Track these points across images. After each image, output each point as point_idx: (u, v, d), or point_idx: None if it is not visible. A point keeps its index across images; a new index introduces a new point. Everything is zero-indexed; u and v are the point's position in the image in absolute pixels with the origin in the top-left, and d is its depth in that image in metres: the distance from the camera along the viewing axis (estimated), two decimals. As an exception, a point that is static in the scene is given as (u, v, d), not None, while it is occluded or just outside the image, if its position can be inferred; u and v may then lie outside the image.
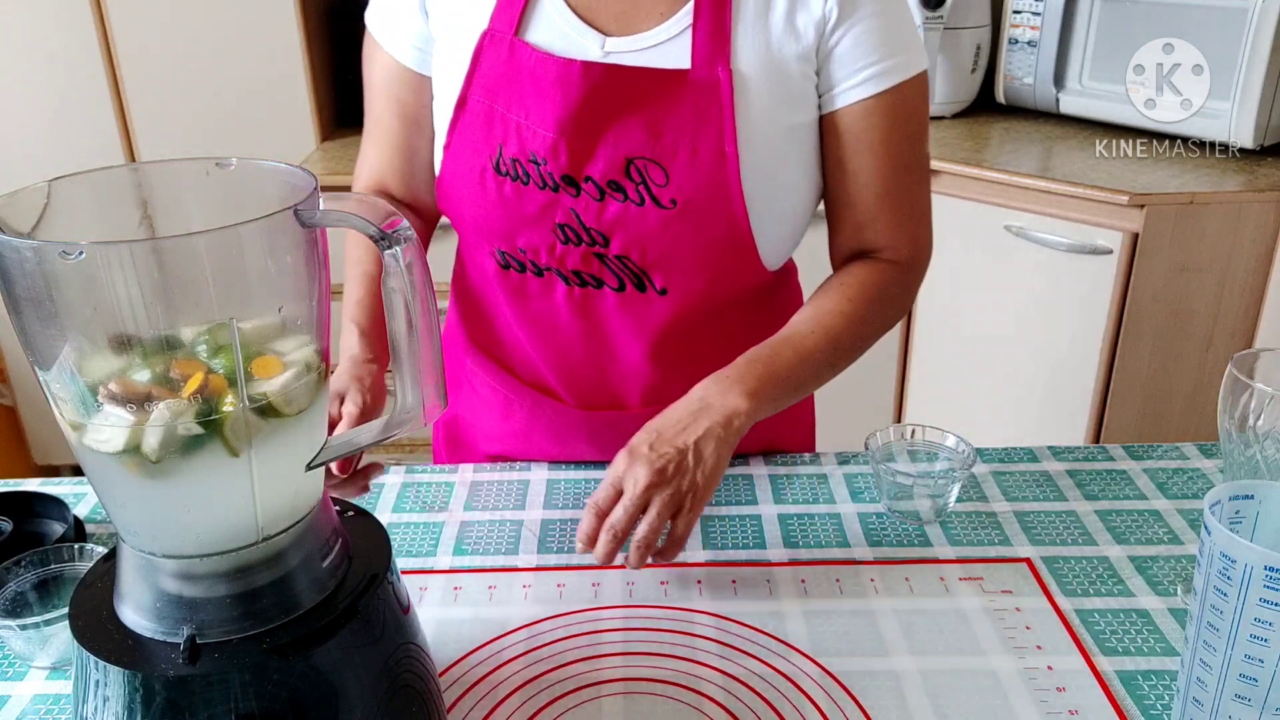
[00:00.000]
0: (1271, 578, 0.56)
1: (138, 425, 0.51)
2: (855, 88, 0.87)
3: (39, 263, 0.49)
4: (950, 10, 2.03)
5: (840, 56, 0.86)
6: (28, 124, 2.20)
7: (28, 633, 0.72)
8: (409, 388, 0.61)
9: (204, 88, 2.17)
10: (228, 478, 0.54)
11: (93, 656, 0.54)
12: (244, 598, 0.56)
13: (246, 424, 0.53)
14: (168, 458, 0.52)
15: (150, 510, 0.55)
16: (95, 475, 0.55)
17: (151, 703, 0.54)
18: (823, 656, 0.74)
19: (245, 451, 0.53)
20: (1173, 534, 0.86)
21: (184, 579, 0.56)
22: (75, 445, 0.54)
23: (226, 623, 0.56)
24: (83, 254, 0.47)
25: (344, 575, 0.60)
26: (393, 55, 0.94)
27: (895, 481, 0.87)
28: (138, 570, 0.56)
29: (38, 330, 0.51)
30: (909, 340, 2.07)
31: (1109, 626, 0.76)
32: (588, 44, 0.86)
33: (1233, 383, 0.70)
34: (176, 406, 0.51)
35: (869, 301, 0.91)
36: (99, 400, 0.51)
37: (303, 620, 0.57)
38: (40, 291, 0.50)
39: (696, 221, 0.86)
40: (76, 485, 0.96)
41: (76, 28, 2.12)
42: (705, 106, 0.84)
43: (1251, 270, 1.73)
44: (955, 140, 2.01)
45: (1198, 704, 0.62)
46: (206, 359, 0.53)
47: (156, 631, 0.56)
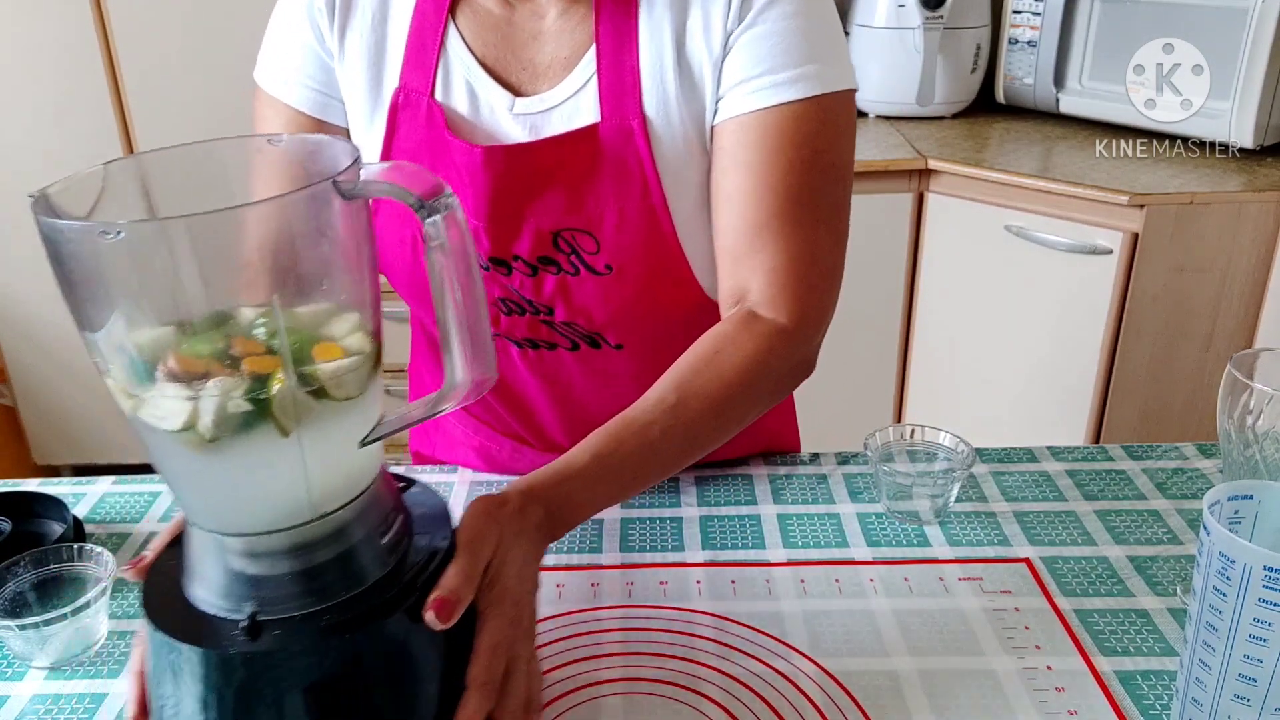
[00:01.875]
0: (1271, 578, 0.56)
1: (193, 402, 0.51)
2: (739, 99, 0.77)
3: (85, 244, 0.49)
4: (950, 10, 2.03)
5: (731, 62, 0.77)
6: (28, 123, 2.20)
7: (27, 633, 0.72)
8: (456, 361, 0.60)
9: (204, 86, 2.18)
10: (278, 456, 0.54)
11: (161, 633, 0.55)
12: (305, 574, 0.56)
13: (295, 404, 0.53)
14: (222, 436, 0.52)
15: (206, 487, 0.56)
16: (154, 452, 0.56)
17: (218, 679, 0.54)
18: (822, 656, 0.74)
19: (295, 431, 0.53)
20: (1172, 534, 0.86)
21: (245, 556, 0.56)
22: (134, 423, 0.54)
23: (288, 599, 0.56)
24: (121, 234, 0.48)
25: (405, 550, 0.61)
26: (296, 107, 0.86)
27: (895, 481, 0.87)
28: (202, 548, 0.57)
29: (92, 311, 0.52)
30: (909, 340, 2.07)
31: (1108, 626, 0.76)
32: (497, 103, 0.81)
33: (1232, 383, 0.70)
34: (228, 384, 0.51)
35: (742, 378, 0.77)
36: (156, 378, 0.52)
37: (364, 596, 0.57)
38: (90, 272, 0.51)
39: (637, 282, 0.81)
40: (76, 485, 0.96)
41: (76, 27, 2.12)
42: (623, 161, 0.79)
43: (1251, 270, 1.73)
44: (955, 140, 2.01)
45: (1197, 704, 0.62)
46: (264, 339, 0.53)
47: (222, 608, 0.56)
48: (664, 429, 0.74)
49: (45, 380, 2.42)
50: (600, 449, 0.72)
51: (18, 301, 2.35)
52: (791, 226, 0.78)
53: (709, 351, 0.77)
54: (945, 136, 2.03)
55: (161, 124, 2.21)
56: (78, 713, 0.70)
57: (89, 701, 0.71)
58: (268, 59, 0.87)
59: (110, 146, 2.21)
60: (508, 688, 0.60)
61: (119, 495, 0.94)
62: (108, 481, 0.96)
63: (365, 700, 0.56)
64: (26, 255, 2.30)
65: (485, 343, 0.60)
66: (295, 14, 0.85)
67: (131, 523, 0.90)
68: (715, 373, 0.76)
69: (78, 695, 0.71)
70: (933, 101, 2.10)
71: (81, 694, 0.72)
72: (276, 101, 0.87)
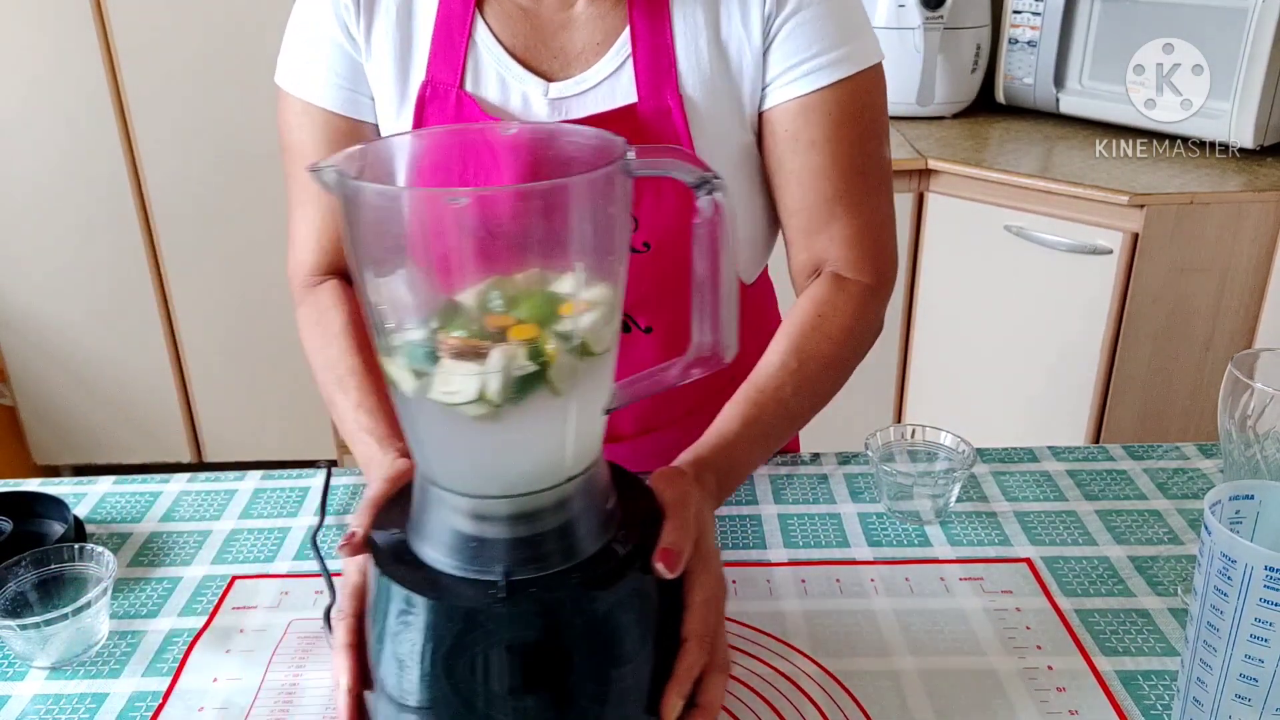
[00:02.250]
0: (1272, 578, 0.56)
1: (480, 375, 0.55)
2: (792, 83, 0.82)
3: (415, 210, 0.54)
4: (950, 10, 2.03)
5: (779, 49, 0.82)
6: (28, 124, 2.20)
7: (28, 633, 0.72)
8: (707, 328, 0.64)
9: (204, 86, 2.17)
10: (549, 419, 0.58)
11: (403, 589, 0.57)
12: (547, 536, 0.59)
13: (569, 365, 0.56)
14: (505, 402, 0.55)
15: (477, 454, 0.59)
16: (428, 426, 0.59)
17: (480, 637, 0.56)
18: (823, 656, 0.74)
19: (566, 391, 0.57)
20: (1173, 534, 0.86)
21: (496, 519, 0.58)
22: (412, 401, 0.57)
23: (533, 560, 0.58)
24: (465, 199, 0.52)
25: (620, 517, 0.63)
26: (322, 106, 0.86)
27: (895, 481, 0.87)
28: (450, 511, 0.59)
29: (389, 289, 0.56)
30: (909, 340, 2.07)
31: (1109, 626, 0.76)
32: (530, 91, 0.83)
33: (1233, 383, 0.70)
34: (510, 351, 0.55)
35: (850, 337, 0.84)
36: (439, 355, 0.55)
37: (600, 556, 0.60)
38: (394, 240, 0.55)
39: (672, 260, 0.83)
40: (76, 485, 0.96)
41: (76, 28, 2.11)
42: (660, 140, 0.81)
43: (1251, 270, 1.73)
44: (955, 140, 2.01)
45: (1198, 704, 0.62)
46: (518, 311, 0.56)
47: (469, 570, 0.58)
48: (794, 390, 0.80)
49: (45, 380, 2.42)
50: (747, 416, 0.78)
51: (18, 301, 2.35)
52: (861, 195, 0.84)
53: (813, 316, 0.84)
54: (945, 136, 2.03)
55: (162, 124, 2.20)
56: (78, 713, 0.70)
57: (90, 701, 0.71)
58: (291, 61, 0.88)
59: (111, 146, 2.21)
60: (715, 642, 0.63)
61: (119, 495, 0.94)
62: (108, 481, 0.96)
63: (610, 651, 0.59)
64: (27, 255, 2.30)
65: (734, 313, 0.64)
66: (320, 13, 0.85)
67: (132, 523, 0.90)
68: (824, 334, 0.83)
69: (78, 695, 0.71)
70: (933, 101, 2.10)
71: (82, 694, 0.72)
72: (305, 103, 0.87)
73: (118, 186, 2.24)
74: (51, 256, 2.31)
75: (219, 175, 2.24)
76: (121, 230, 2.28)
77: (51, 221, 2.28)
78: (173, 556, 0.86)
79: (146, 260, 2.31)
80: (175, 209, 2.28)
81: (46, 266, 2.32)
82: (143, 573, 0.84)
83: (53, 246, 2.30)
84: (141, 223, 2.29)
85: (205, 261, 2.32)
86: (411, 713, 0.58)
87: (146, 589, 0.82)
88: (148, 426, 2.47)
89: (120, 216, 2.27)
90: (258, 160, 2.20)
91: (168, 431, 2.48)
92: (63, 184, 2.24)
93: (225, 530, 0.89)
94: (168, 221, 2.29)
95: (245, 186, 2.24)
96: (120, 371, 2.41)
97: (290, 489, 0.95)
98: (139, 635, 0.77)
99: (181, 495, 0.94)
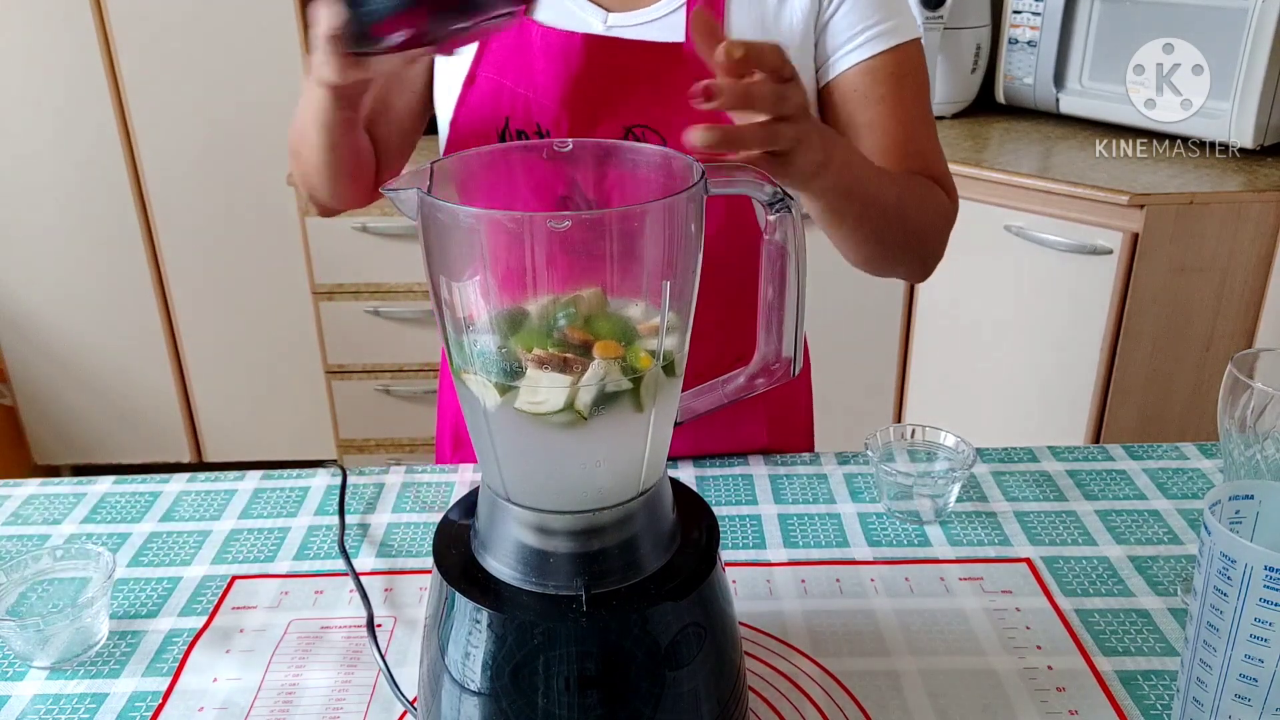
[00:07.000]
0: (1272, 578, 0.56)
1: (570, 387, 0.55)
2: (857, 49, 0.91)
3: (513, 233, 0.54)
4: (950, 10, 2.03)
5: (838, 23, 0.91)
6: (28, 124, 2.20)
7: (28, 632, 0.72)
8: (773, 339, 0.65)
9: (205, 86, 2.17)
10: (631, 432, 0.58)
11: (470, 602, 0.58)
12: (614, 550, 0.59)
13: (656, 380, 0.58)
14: (593, 415, 0.56)
15: (557, 467, 0.59)
16: (507, 438, 0.59)
17: (562, 651, 0.57)
18: (823, 656, 0.74)
19: (649, 406, 0.58)
20: (1173, 534, 0.86)
21: (567, 534, 0.59)
22: (493, 414, 0.57)
23: (605, 574, 0.59)
24: (568, 223, 0.53)
25: (681, 533, 0.64)
26: None
27: (895, 481, 0.87)
28: (518, 525, 0.60)
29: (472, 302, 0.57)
30: (909, 340, 2.07)
31: (1109, 626, 0.76)
32: (590, 19, 0.91)
33: (1233, 383, 0.70)
34: (605, 366, 0.56)
35: (922, 186, 0.93)
36: (525, 366, 0.56)
37: (669, 569, 0.60)
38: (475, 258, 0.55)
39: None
40: (77, 485, 0.96)
41: (77, 28, 2.12)
42: (700, 78, 0.84)
43: (1251, 270, 1.73)
44: (955, 140, 2.01)
45: (1198, 704, 0.62)
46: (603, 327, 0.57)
47: (534, 584, 0.59)
48: (903, 185, 0.88)
49: (45, 380, 2.42)
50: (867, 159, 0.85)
51: (18, 301, 2.35)
52: (925, 140, 0.96)
53: (914, 181, 0.92)
54: (945, 136, 2.03)
55: (163, 124, 2.21)
56: (78, 713, 0.70)
57: (89, 701, 0.71)
58: None
59: (111, 147, 2.21)
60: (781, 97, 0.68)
61: (119, 495, 0.94)
62: (108, 481, 0.96)
63: (673, 659, 0.59)
64: (27, 255, 2.30)
65: (799, 328, 0.66)
66: None
67: (132, 523, 0.90)
68: (923, 191, 0.92)
69: (78, 695, 0.71)
70: (933, 102, 2.10)
71: (82, 694, 0.72)
72: None
73: (118, 187, 2.24)
74: (52, 257, 2.31)
75: (220, 175, 2.24)
76: (122, 231, 2.28)
77: (52, 222, 2.28)
78: (172, 556, 0.86)
79: (147, 261, 2.31)
80: (175, 209, 2.28)
81: (47, 267, 2.32)
82: (143, 573, 0.84)
83: (53, 247, 2.30)
84: (142, 223, 2.29)
85: (205, 262, 2.32)
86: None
87: (146, 589, 0.82)
88: (148, 426, 2.47)
89: (120, 217, 2.27)
90: (259, 161, 2.20)
91: (168, 431, 2.48)
92: (63, 184, 2.24)
93: (225, 530, 0.89)
94: (168, 222, 2.29)
95: (246, 187, 2.24)
96: (120, 372, 2.42)
97: (290, 489, 0.95)
98: (139, 635, 0.77)
99: (181, 495, 0.94)
